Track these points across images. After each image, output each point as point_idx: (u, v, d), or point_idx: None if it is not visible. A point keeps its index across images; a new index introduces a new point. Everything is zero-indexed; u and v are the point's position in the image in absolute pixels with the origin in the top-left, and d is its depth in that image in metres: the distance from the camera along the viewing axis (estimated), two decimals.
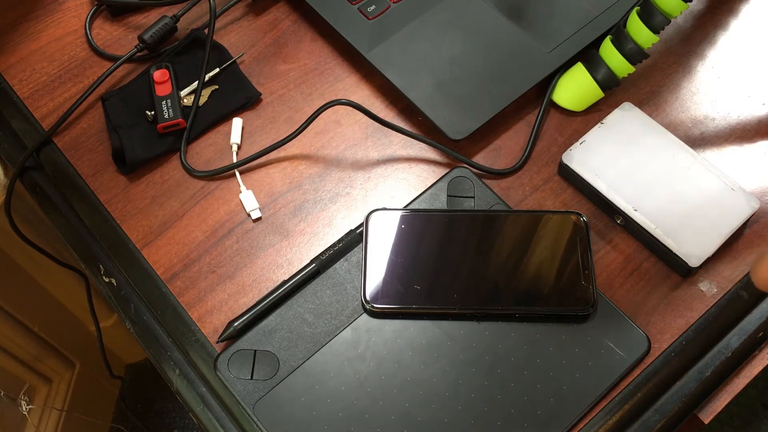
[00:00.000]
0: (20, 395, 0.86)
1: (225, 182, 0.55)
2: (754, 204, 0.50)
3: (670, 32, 0.61)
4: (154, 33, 0.58)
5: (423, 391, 0.46)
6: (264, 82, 0.59)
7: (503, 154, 0.55)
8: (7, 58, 0.60)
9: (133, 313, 0.51)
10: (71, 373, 0.99)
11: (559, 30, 0.58)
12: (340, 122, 0.57)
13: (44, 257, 0.68)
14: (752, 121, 0.56)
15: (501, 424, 0.44)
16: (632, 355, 0.47)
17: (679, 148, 0.53)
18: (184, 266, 0.52)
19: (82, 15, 0.62)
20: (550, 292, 0.48)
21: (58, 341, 0.95)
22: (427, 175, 0.55)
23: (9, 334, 0.84)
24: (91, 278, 0.55)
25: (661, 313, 0.49)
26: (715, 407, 0.48)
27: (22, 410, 0.86)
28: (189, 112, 0.56)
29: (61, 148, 0.56)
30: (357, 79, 0.59)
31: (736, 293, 0.49)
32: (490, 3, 0.59)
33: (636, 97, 0.57)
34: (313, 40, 0.61)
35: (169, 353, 0.49)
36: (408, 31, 0.58)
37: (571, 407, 0.45)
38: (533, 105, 0.57)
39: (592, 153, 0.53)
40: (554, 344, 0.47)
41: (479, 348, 0.47)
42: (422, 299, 0.47)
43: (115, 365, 1.05)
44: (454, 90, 0.56)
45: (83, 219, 0.54)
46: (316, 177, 0.55)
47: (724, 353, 0.48)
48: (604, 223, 0.52)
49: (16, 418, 0.85)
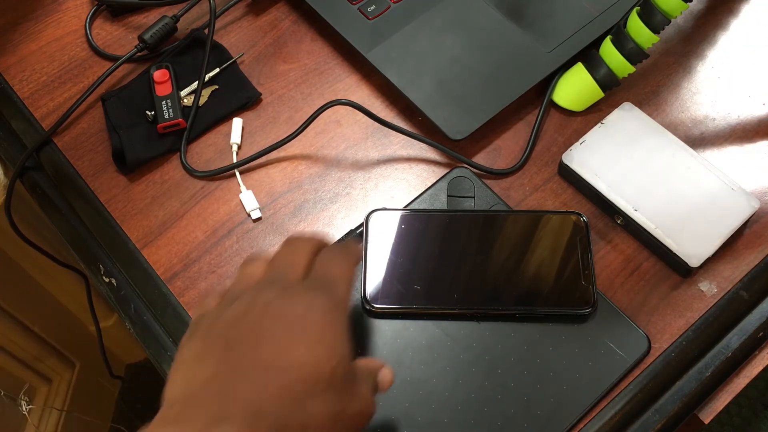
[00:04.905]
0: (20, 395, 0.86)
1: (225, 182, 0.55)
2: (754, 204, 0.50)
3: (670, 32, 0.61)
4: (154, 33, 0.58)
5: (423, 391, 0.46)
6: (264, 82, 0.59)
7: (503, 154, 0.56)
8: (7, 58, 0.60)
9: (133, 313, 0.51)
10: (71, 373, 0.99)
11: (559, 30, 0.58)
12: (340, 122, 0.57)
13: (44, 257, 0.68)
14: (752, 121, 0.56)
15: (501, 424, 0.44)
16: (632, 355, 0.47)
17: (679, 148, 0.53)
18: (184, 266, 0.52)
19: (82, 15, 0.62)
20: (550, 292, 0.48)
21: (58, 341, 0.95)
22: (427, 175, 0.55)
23: (9, 334, 0.84)
24: (91, 278, 0.55)
25: (661, 313, 0.49)
26: (715, 407, 0.48)
27: (22, 410, 0.86)
28: (189, 112, 0.56)
29: (61, 148, 0.56)
30: (357, 79, 0.59)
31: (736, 293, 0.49)
32: (490, 3, 0.59)
33: (636, 97, 0.57)
34: (313, 40, 0.61)
35: (169, 353, 0.49)
36: (408, 31, 0.58)
37: (571, 407, 0.45)
38: (533, 105, 0.57)
39: (592, 153, 0.53)
40: (554, 344, 0.47)
41: (479, 348, 0.47)
42: (422, 299, 0.47)
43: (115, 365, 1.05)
44: (454, 90, 0.56)
45: (83, 219, 0.54)
46: (316, 177, 0.55)
47: (724, 353, 0.48)
48: (604, 223, 0.52)
49: (16, 418, 0.85)
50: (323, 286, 0.38)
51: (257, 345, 0.35)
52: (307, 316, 0.35)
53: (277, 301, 0.36)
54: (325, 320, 0.36)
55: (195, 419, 0.32)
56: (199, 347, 0.36)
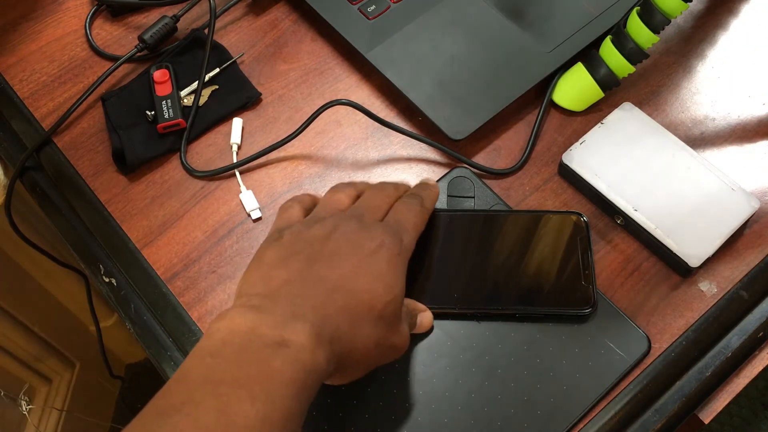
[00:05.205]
0: (20, 395, 0.86)
1: (225, 182, 0.55)
2: (754, 204, 0.50)
3: (670, 32, 0.61)
4: (155, 33, 0.58)
5: (423, 391, 0.46)
6: (264, 82, 0.59)
7: (503, 154, 0.56)
8: (7, 58, 0.60)
9: (133, 313, 0.51)
10: (71, 373, 0.99)
11: (559, 30, 0.58)
12: (340, 122, 0.57)
13: (44, 257, 0.68)
14: (752, 121, 0.56)
15: (501, 424, 0.44)
16: (632, 355, 0.47)
17: (679, 148, 0.53)
18: (184, 266, 0.52)
19: (82, 15, 0.62)
20: (550, 292, 0.48)
21: (58, 341, 0.95)
22: (427, 175, 0.55)
23: (9, 334, 0.84)
24: (91, 278, 0.55)
25: (661, 313, 0.49)
26: (715, 407, 0.48)
27: (22, 410, 0.86)
28: (189, 112, 0.56)
29: (61, 148, 0.56)
30: (357, 79, 0.59)
31: (736, 293, 0.49)
32: (490, 3, 0.59)
33: (636, 97, 0.57)
34: (313, 40, 0.61)
35: (169, 353, 0.49)
36: (408, 31, 0.58)
37: (571, 407, 0.45)
38: (533, 105, 0.57)
39: (592, 153, 0.53)
40: (554, 344, 0.47)
41: (479, 348, 0.47)
42: (422, 299, 0.47)
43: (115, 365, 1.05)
44: (454, 90, 0.56)
45: (83, 219, 0.54)
46: (316, 177, 0.55)
47: (724, 353, 0.48)
48: (604, 223, 0.52)
49: (16, 418, 0.85)
50: (395, 232, 0.43)
51: (332, 266, 0.40)
52: (376, 254, 0.41)
53: (355, 234, 0.42)
54: (390, 262, 0.41)
55: (273, 312, 0.37)
56: (282, 253, 0.41)
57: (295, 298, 0.38)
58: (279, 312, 0.37)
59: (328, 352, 0.37)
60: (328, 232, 0.42)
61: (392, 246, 0.42)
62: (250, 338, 0.36)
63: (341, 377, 0.41)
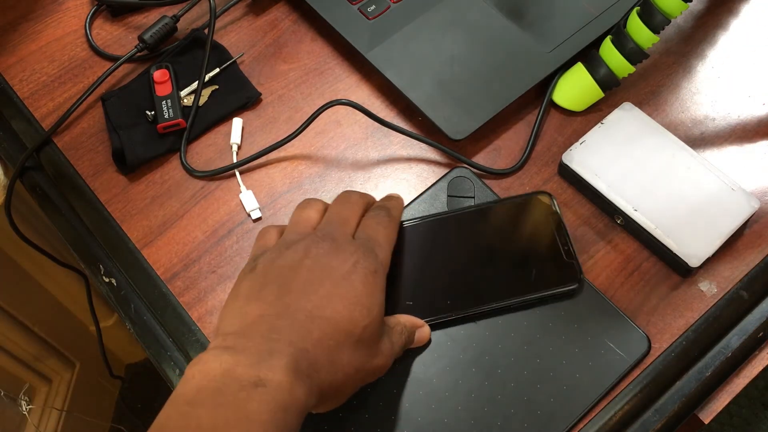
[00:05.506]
0: (20, 395, 0.86)
1: (225, 182, 0.55)
2: (754, 204, 0.50)
3: (670, 32, 0.61)
4: (154, 33, 0.58)
5: (423, 391, 0.46)
6: (264, 82, 0.59)
7: (503, 154, 0.56)
8: (7, 58, 0.60)
9: (133, 313, 0.51)
10: (71, 373, 0.99)
11: (559, 30, 0.58)
12: (340, 122, 0.57)
13: (44, 257, 0.68)
14: (752, 121, 0.56)
15: (501, 424, 0.44)
16: (632, 355, 0.47)
17: (679, 148, 0.53)
18: (184, 266, 0.52)
19: (82, 15, 0.62)
20: (537, 276, 0.47)
21: (58, 341, 0.95)
22: (427, 175, 0.55)
23: (9, 334, 0.84)
24: (91, 278, 0.55)
25: (661, 313, 0.49)
26: (715, 407, 0.48)
27: (22, 410, 0.86)
28: (189, 112, 0.56)
29: (61, 148, 0.56)
30: (357, 79, 0.59)
31: (736, 293, 0.49)
32: (490, 3, 0.59)
33: (636, 97, 0.57)
34: (313, 40, 0.61)
35: (169, 353, 0.49)
36: (408, 31, 0.58)
37: (571, 407, 0.45)
38: (533, 105, 0.57)
39: (592, 153, 0.53)
40: (554, 344, 0.47)
41: (479, 348, 0.47)
42: (416, 314, 0.47)
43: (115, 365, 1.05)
44: (454, 90, 0.56)
45: (83, 219, 0.54)
46: (316, 177, 0.55)
47: (724, 353, 0.48)
48: (604, 223, 0.52)
49: (16, 418, 0.85)
50: (368, 249, 0.43)
51: (306, 294, 0.40)
52: (351, 276, 0.41)
53: (327, 257, 0.41)
54: (365, 282, 0.41)
55: (248, 350, 0.37)
56: (255, 285, 0.41)
57: (270, 332, 0.38)
58: (254, 350, 0.37)
59: (308, 386, 0.37)
60: (300, 257, 0.41)
61: (367, 264, 0.41)
62: (225, 381, 0.35)
63: (325, 406, 0.41)
